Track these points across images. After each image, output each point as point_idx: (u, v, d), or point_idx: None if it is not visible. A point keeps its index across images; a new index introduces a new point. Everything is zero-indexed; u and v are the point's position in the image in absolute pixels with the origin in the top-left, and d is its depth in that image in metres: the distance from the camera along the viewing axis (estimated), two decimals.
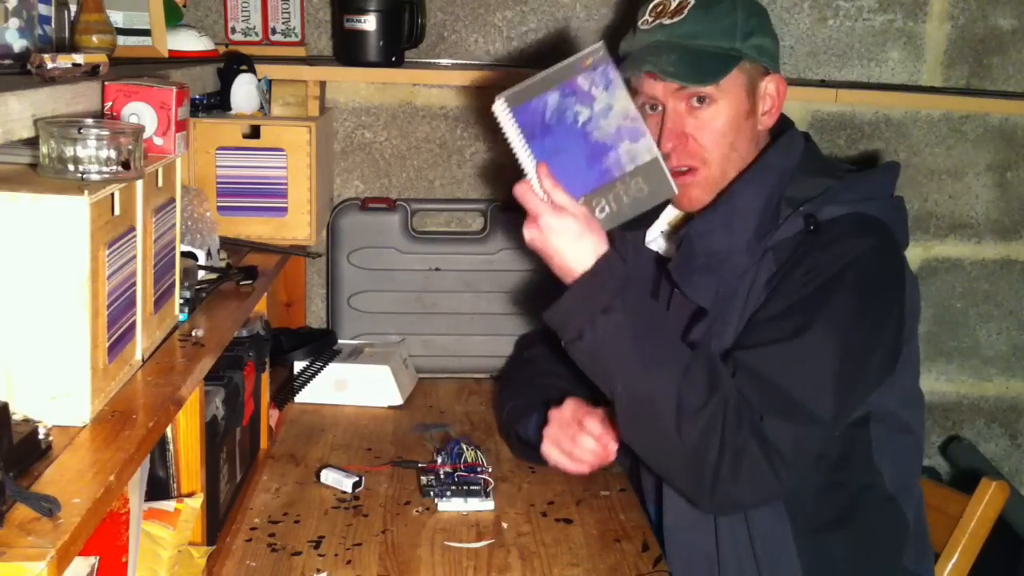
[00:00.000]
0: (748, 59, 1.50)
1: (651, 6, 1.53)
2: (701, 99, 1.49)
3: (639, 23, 1.54)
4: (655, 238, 1.65)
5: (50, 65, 1.11)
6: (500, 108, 1.36)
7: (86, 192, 0.95)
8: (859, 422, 1.47)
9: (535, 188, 1.39)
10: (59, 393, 0.98)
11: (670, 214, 1.64)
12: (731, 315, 1.46)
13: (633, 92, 1.50)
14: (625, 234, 1.67)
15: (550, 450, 1.59)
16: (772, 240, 1.46)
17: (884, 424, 1.49)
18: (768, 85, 1.53)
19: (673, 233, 1.63)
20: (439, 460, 1.65)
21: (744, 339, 1.43)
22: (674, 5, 1.50)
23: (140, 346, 1.14)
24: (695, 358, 1.38)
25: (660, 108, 1.51)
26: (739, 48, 1.49)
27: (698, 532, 1.48)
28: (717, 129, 1.50)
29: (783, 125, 1.60)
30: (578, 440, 1.56)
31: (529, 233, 1.40)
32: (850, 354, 1.39)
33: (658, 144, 1.47)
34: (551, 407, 1.60)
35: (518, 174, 1.41)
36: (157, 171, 1.18)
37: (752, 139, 1.54)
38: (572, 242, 1.37)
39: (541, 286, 2.20)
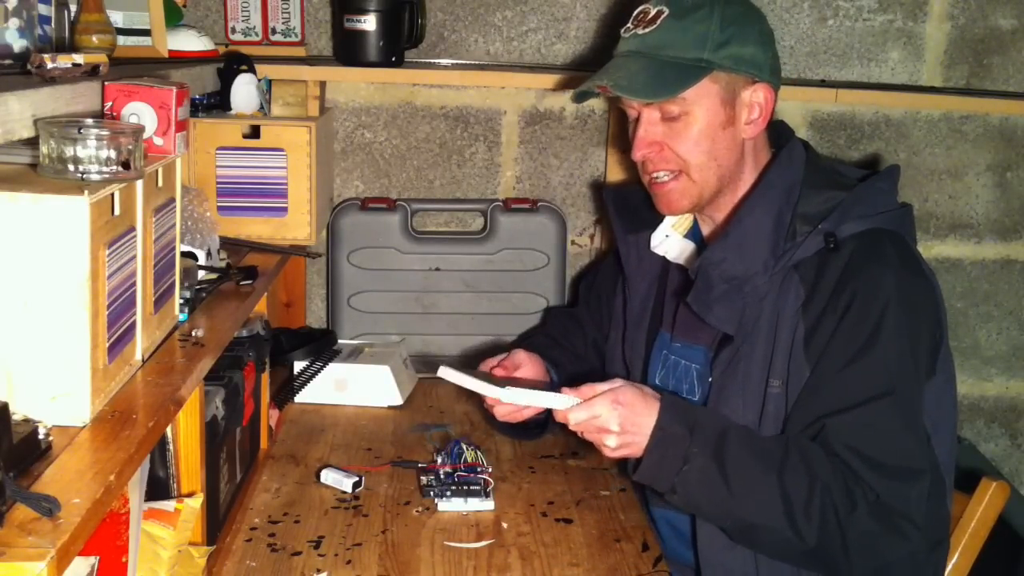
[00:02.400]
0: (722, 69, 1.47)
1: (635, 13, 1.53)
2: (671, 115, 1.49)
3: (623, 29, 1.55)
4: (660, 242, 1.65)
5: (50, 65, 1.11)
6: (446, 372, 1.52)
7: (86, 192, 0.95)
8: None
9: (559, 406, 1.42)
10: (59, 393, 0.98)
11: (673, 216, 1.65)
12: (758, 338, 1.46)
13: (617, 99, 1.55)
14: (628, 236, 1.68)
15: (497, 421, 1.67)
16: (793, 259, 1.45)
17: (939, 433, 1.49)
18: (755, 93, 1.51)
19: (681, 238, 1.64)
20: (439, 460, 1.65)
21: (820, 395, 1.42)
22: (652, 14, 1.50)
23: (140, 346, 1.14)
24: (785, 455, 1.39)
25: (635, 119, 1.53)
26: (708, 59, 1.47)
27: (736, 553, 1.47)
28: (690, 138, 1.49)
29: (783, 135, 1.59)
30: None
31: (611, 440, 1.39)
32: (916, 395, 1.42)
33: (634, 149, 1.53)
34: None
35: (518, 175, 1.41)
36: (157, 171, 1.18)
37: (733, 149, 1.52)
38: (639, 406, 1.39)
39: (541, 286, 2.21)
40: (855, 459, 1.37)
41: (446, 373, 1.51)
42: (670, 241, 1.65)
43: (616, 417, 1.38)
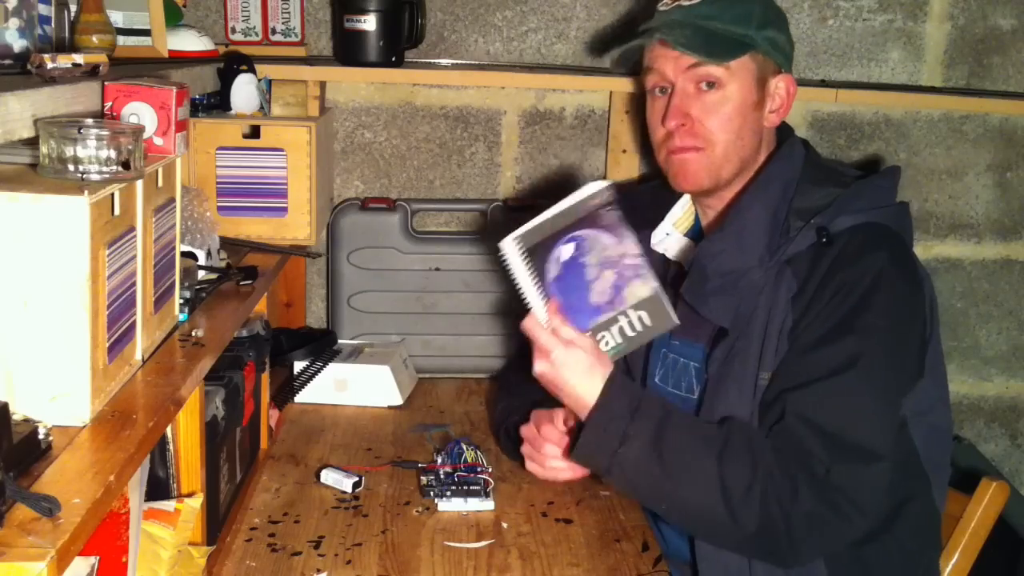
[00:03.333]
0: (760, 50, 1.51)
1: None
2: (710, 84, 1.49)
3: (659, 4, 1.56)
4: (661, 240, 1.65)
5: (50, 65, 1.11)
6: (510, 247, 1.39)
7: (86, 192, 0.95)
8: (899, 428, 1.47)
9: (542, 323, 1.41)
10: (59, 393, 0.98)
11: (675, 215, 1.65)
12: (753, 333, 1.46)
13: (644, 71, 1.55)
14: None
15: (530, 465, 1.62)
16: (786, 254, 1.45)
17: (919, 427, 1.49)
18: (779, 83, 1.54)
19: (680, 236, 1.65)
20: (439, 460, 1.65)
21: (788, 372, 1.42)
22: None
23: (140, 346, 1.14)
24: (727, 440, 1.38)
25: (669, 90, 1.53)
26: (752, 36, 1.50)
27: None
28: (723, 113, 1.50)
29: (783, 133, 1.60)
30: (545, 454, 1.59)
31: (539, 366, 1.41)
32: (889, 381, 1.41)
33: (662, 122, 1.51)
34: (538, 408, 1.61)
35: (518, 175, 1.41)
36: (157, 171, 1.18)
37: (757, 133, 1.54)
38: (582, 375, 1.39)
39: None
40: (808, 431, 1.35)
41: (511, 246, 1.39)
42: (670, 239, 1.65)
43: (579, 365, 1.39)
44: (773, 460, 1.35)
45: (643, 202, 1.68)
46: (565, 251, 1.40)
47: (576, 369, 1.39)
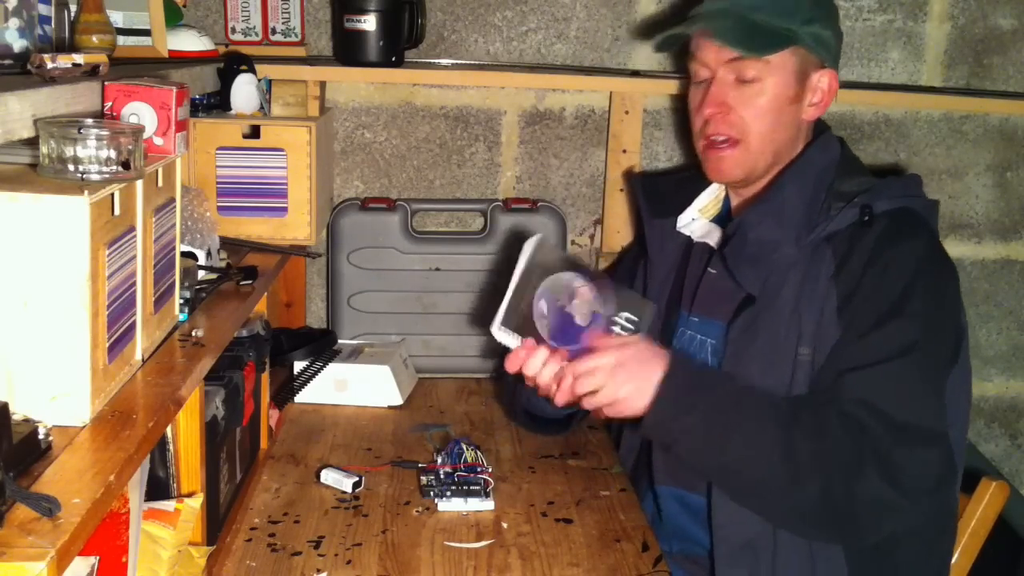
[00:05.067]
0: (803, 45, 1.52)
1: None
2: (747, 77, 1.52)
3: None
4: (687, 223, 1.69)
5: (50, 65, 1.11)
6: (500, 334, 1.47)
7: (86, 192, 0.95)
8: None
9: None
10: (59, 393, 0.98)
11: (702, 200, 1.70)
12: (783, 306, 1.48)
13: (688, 59, 1.59)
14: (654, 220, 1.70)
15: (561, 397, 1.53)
16: (826, 231, 1.48)
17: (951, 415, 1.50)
18: (821, 78, 1.56)
19: (708, 220, 1.68)
20: (439, 460, 1.65)
21: (845, 355, 1.43)
22: None
23: (140, 346, 1.14)
24: (795, 410, 1.39)
25: (709, 79, 1.55)
26: (795, 30, 1.51)
27: (755, 528, 1.47)
28: (759, 106, 1.52)
29: (820, 127, 1.63)
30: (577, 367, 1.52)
31: (595, 381, 1.39)
32: (940, 367, 1.44)
33: (698, 110, 1.55)
34: None
35: (518, 175, 1.42)
36: (157, 171, 1.18)
37: (794, 126, 1.57)
38: (650, 360, 1.39)
39: None
40: (868, 414, 1.37)
41: (500, 335, 1.47)
42: (696, 224, 1.69)
43: (628, 353, 1.39)
44: (839, 435, 1.36)
45: (668, 189, 1.74)
46: (541, 307, 1.46)
47: (642, 357, 1.39)
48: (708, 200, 1.70)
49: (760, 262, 1.50)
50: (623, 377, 1.38)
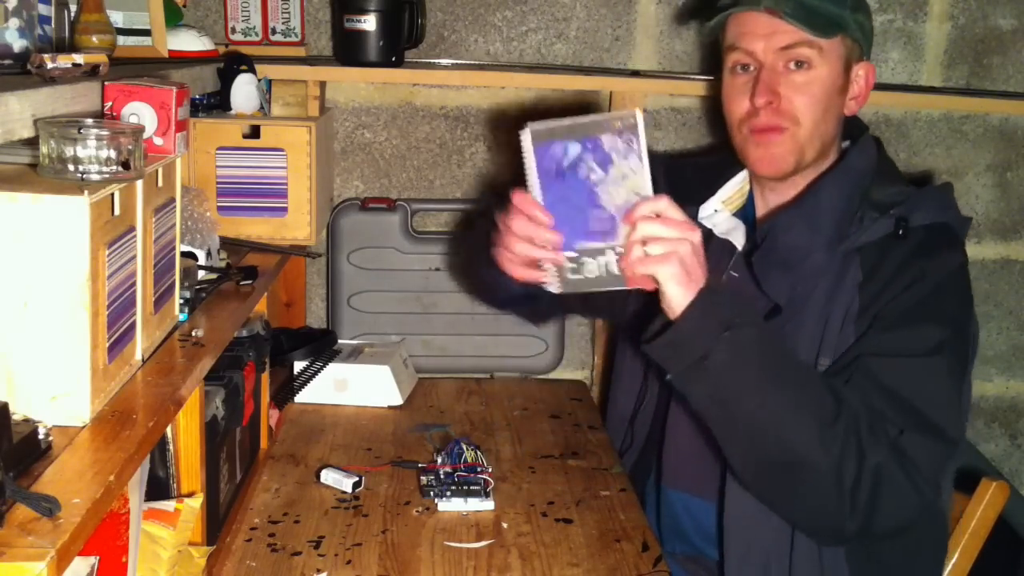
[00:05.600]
0: (851, 34, 1.49)
1: None
2: (800, 63, 1.47)
3: None
4: (709, 215, 1.62)
5: (50, 65, 1.11)
6: (525, 139, 1.30)
7: (86, 192, 0.95)
8: None
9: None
10: (59, 393, 0.98)
11: (727, 191, 1.63)
12: (808, 316, 1.44)
13: (727, 49, 1.52)
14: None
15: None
16: (858, 241, 1.44)
17: None
18: (859, 70, 1.52)
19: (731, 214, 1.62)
20: (439, 460, 1.65)
21: (866, 344, 1.40)
22: None
23: (140, 346, 1.14)
24: (812, 371, 1.36)
25: (751, 68, 1.49)
26: (846, 18, 1.47)
27: (769, 532, 1.44)
28: (812, 94, 1.47)
29: (858, 126, 1.60)
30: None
31: (662, 258, 1.26)
32: (961, 373, 1.41)
33: (750, 99, 1.47)
34: None
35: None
36: (157, 171, 1.18)
37: (838, 120, 1.53)
38: (695, 258, 1.28)
39: None
40: (879, 394, 1.32)
41: (526, 138, 1.30)
42: (719, 216, 1.62)
43: (695, 247, 1.27)
44: (859, 408, 1.32)
45: (686, 176, 1.65)
46: (575, 150, 1.28)
47: (693, 252, 1.27)
48: (733, 191, 1.62)
49: (789, 269, 1.45)
50: (681, 259, 1.26)
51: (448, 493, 1.57)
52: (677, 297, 1.27)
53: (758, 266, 1.48)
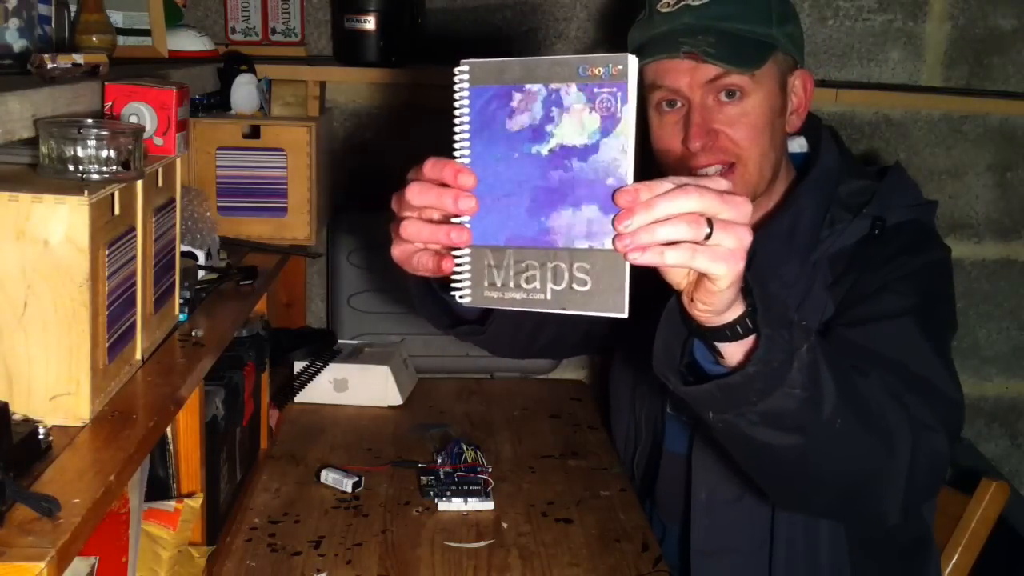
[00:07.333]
0: (782, 48, 1.36)
1: None
2: (731, 92, 1.33)
3: (657, 6, 1.37)
4: None
5: (50, 65, 1.11)
6: (460, 79, 0.95)
7: (86, 192, 0.95)
8: None
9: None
10: (59, 393, 0.98)
11: None
12: None
13: (648, 87, 1.36)
14: None
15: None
16: (834, 247, 1.37)
17: None
18: (795, 81, 1.40)
19: None
20: (439, 460, 1.65)
21: (838, 320, 1.32)
22: None
23: (140, 346, 1.14)
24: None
25: (678, 105, 1.36)
26: (775, 35, 1.35)
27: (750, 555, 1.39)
28: (751, 124, 1.34)
29: (813, 122, 1.50)
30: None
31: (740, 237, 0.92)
32: (937, 340, 1.29)
33: (682, 142, 1.33)
34: None
35: None
36: (157, 171, 1.18)
37: (784, 140, 1.42)
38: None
39: None
40: (861, 358, 1.17)
41: (461, 76, 0.95)
42: None
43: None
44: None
45: None
46: (527, 101, 0.91)
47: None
48: None
49: (755, 284, 1.36)
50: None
51: (448, 493, 1.57)
52: (725, 303, 0.97)
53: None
